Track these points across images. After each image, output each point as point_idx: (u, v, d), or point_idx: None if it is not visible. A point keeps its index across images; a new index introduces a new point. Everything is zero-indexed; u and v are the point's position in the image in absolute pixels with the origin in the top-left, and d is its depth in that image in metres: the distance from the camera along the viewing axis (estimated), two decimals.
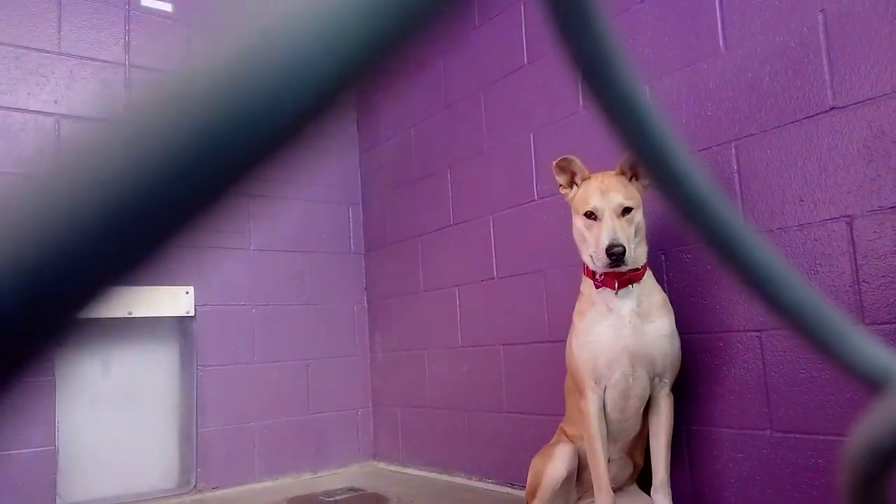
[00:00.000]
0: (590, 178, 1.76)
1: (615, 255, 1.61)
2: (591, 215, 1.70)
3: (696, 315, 1.87)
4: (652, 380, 1.73)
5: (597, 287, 1.74)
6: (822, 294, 0.28)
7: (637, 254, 1.69)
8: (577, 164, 1.78)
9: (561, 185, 1.83)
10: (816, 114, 1.65)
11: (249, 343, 2.93)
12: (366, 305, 3.33)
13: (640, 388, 1.72)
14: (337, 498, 2.55)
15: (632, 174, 1.73)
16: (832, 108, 1.62)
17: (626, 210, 1.68)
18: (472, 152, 2.71)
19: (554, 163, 1.80)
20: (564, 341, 1.89)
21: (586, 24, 0.20)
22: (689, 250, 1.91)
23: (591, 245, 1.69)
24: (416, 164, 3.05)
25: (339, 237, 3.29)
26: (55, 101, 2.63)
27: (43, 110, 2.60)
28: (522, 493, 1.93)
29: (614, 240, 1.62)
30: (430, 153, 2.97)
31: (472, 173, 2.72)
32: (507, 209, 2.55)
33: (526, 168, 2.47)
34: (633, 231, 1.68)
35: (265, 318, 2.98)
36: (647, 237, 1.77)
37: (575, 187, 1.79)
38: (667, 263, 1.94)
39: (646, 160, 0.23)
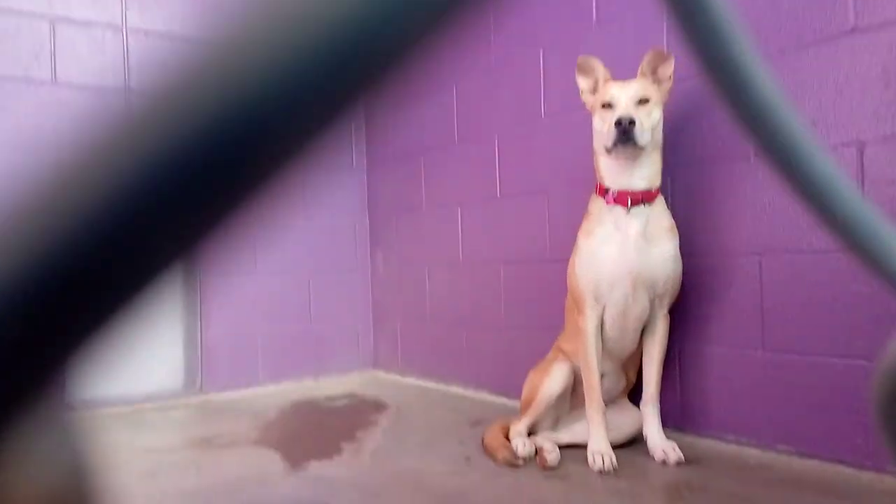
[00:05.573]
0: (611, 79, 1.78)
1: (622, 123, 1.63)
2: (608, 106, 1.72)
3: (698, 237, 1.89)
4: (652, 301, 1.77)
5: (608, 204, 1.75)
6: (879, 211, 0.28)
7: (649, 143, 1.68)
8: (601, 67, 1.79)
9: (583, 91, 1.84)
10: (837, 35, 1.61)
11: (250, 253, 2.96)
12: (367, 221, 3.34)
13: (639, 309, 1.76)
14: (338, 403, 2.65)
15: (654, 78, 1.75)
16: (853, 30, 1.58)
17: (644, 101, 1.70)
18: (478, 68, 2.65)
19: (577, 61, 1.81)
20: (565, 261, 1.91)
21: None
22: (695, 172, 1.91)
23: (605, 129, 1.70)
24: (420, 78, 2.98)
25: (341, 152, 3.25)
26: (49, 4, 2.54)
27: (37, 12, 2.52)
28: (517, 404, 2.01)
29: (624, 115, 1.64)
30: (434, 67, 2.89)
31: (478, 89, 2.66)
32: (513, 128, 2.52)
33: (534, 86, 2.42)
34: (649, 121, 1.69)
35: (266, 230, 2.99)
36: (663, 152, 1.77)
37: (597, 93, 1.80)
38: (672, 185, 1.94)
39: (713, 64, 0.23)
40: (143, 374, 2.73)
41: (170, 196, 0.15)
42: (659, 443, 1.75)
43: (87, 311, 0.16)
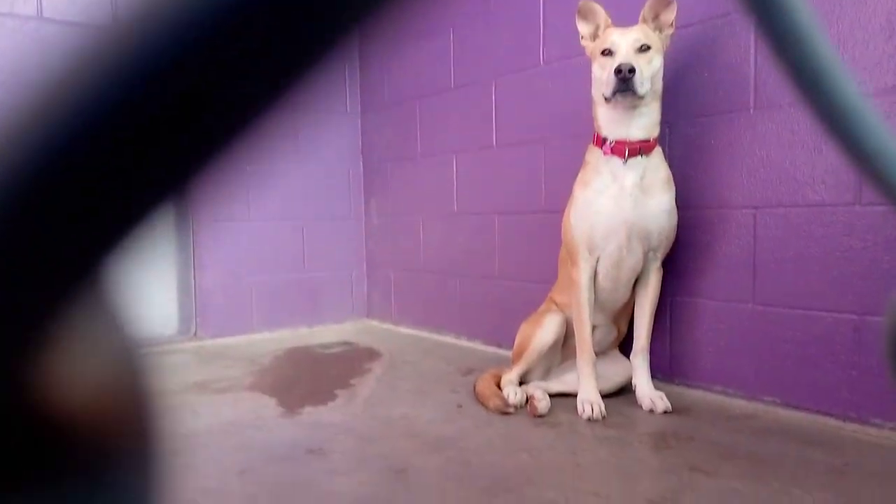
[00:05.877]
0: (612, 25, 1.74)
1: (622, 71, 1.61)
2: (607, 52, 1.69)
3: (695, 189, 1.88)
4: (646, 253, 1.77)
5: (605, 154, 1.73)
6: None
7: (649, 92, 1.66)
8: (602, 13, 1.75)
9: (583, 37, 1.80)
10: None
11: (244, 201, 2.93)
12: (361, 168, 3.30)
13: (633, 261, 1.77)
14: (332, 351, 2.67)
15: (655, 25, 1.71)
16: None
17: (645, 48, 1.67)
18: (476, 11, 2.58)
19: (578, 5, 1.77)
20: (560, 212, 1.90)
21: None
22: (694, 123, 1.88)
23: (604, 77, 1.68)
24: (416, 21, 2.90)
25: (335, 97, 3.20)
26: None
27: None
28: (509, 354, 2.03)
29: (624, 62, 1.62)
30: (430, 10, 2.81)
31: (475, 34, 2.60)
32: (511, 74, 2.47)
33: (533, 31, 2.36)
34: (649, 69, 1.66)
35: (259, 177, 2.96)
36: (662, 101, 1.74)
37: (597, 39, 1.76)
38: (670, 136, 1.92)
39: None
40: (137, 319, 2.73)
41: (156, 127, 0.14)
42: (647, 392, 1.78)
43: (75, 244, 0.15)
